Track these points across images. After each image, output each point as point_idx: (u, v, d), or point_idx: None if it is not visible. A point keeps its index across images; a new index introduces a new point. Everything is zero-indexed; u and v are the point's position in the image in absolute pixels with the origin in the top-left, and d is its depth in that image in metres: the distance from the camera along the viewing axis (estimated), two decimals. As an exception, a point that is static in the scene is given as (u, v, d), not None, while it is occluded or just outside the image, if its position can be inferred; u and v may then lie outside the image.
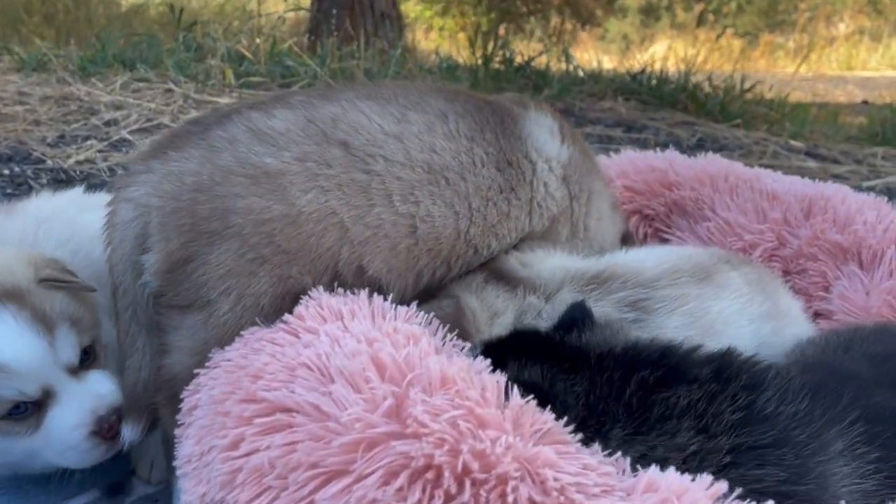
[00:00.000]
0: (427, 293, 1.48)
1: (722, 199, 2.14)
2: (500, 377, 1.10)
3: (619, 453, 1.03)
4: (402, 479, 0.96)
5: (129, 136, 3.73)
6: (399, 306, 1.28)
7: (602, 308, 1.43)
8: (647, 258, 1.58)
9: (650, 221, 2.27)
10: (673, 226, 2.24)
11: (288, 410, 1.08)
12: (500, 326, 1.45)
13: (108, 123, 3.95)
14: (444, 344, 1.21)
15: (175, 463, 1.26)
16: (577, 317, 1.28)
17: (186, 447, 1.22)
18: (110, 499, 1.55)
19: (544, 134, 1.61)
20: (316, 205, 1.30)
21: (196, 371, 1.27)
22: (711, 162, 2.29)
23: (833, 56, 14.06)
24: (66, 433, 1.32)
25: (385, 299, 1.29)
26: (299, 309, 1.27)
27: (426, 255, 1.43)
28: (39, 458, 1.36)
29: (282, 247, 1.29)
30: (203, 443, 1.18)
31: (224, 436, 1.12)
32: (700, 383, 1.10)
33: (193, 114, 4.25)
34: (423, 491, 0.95)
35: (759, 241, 2.02)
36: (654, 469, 0.98)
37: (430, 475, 0.96)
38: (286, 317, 1.25)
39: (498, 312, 1.49)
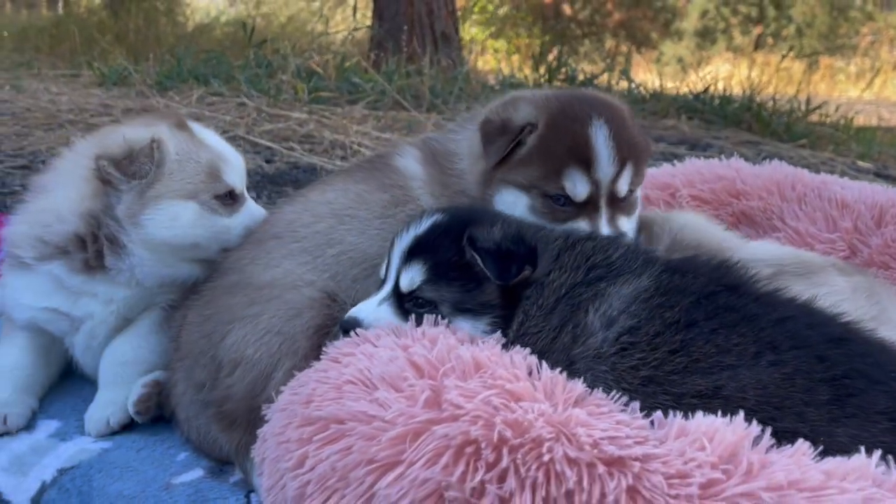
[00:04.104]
0: None
1: (790, 209, 2.17)
2: (529, 356, 1.25)
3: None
4: (446, 458, 1.07)
5: (206, 146, 3.89)
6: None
7: None
8: (756, 249, 1.77)
9: (719, 231, 2.30)
10: (742, 236, 2.27)
11: (340, 421, 1.20)
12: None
13: (186, 134, 4.11)
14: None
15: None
16: None
17: (264, 483, 1.35)
18: (213, 478, 1.66)
19: (409, 161, 1.97)
20: (279, 272, 1.76)
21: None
22: (777, 169, 2.31)
23: (897, 81, 13.78)
24: (251, 216, 1.99)
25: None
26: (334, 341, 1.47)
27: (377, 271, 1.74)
28: (227, 235, 1.96)
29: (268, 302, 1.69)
30: (274, 474, 1.30)
31: (289, 459, 1.24)
32: None
33: (267, 126, 4.42)
34: (467, 464, 1.05)
35: (830, 250, 2.04)
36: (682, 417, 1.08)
37: (469, 450, 1.07)
38: (326, 345, 1.47)
39: None
